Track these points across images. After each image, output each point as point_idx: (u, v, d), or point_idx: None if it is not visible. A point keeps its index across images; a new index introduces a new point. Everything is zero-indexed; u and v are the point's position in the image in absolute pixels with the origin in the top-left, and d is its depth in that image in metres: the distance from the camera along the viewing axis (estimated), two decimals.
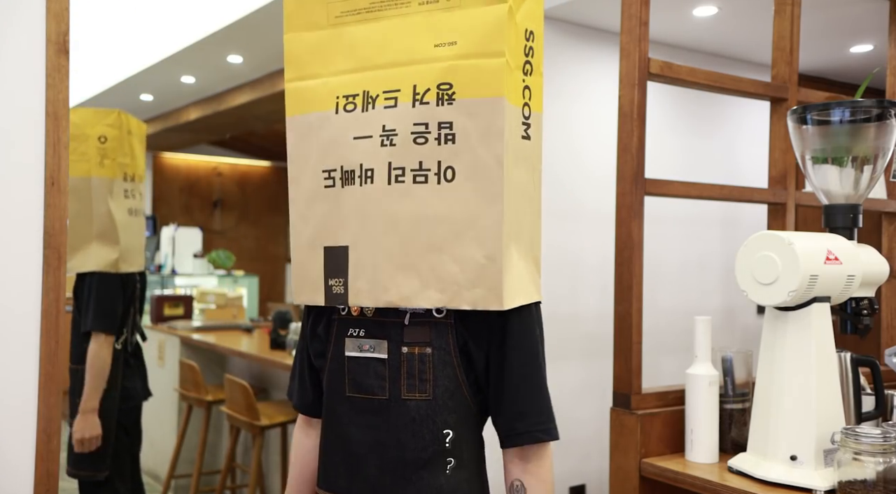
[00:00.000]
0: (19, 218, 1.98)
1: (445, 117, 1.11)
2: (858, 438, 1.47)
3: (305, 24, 1.22)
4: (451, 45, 1.11)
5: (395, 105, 1.13)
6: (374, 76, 1.16)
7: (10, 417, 1.97)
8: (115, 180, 2.67)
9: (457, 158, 1.11)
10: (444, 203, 1.12)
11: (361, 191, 1.16)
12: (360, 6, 1.18)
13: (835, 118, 1.76)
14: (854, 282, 1.67)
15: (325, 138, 1.19)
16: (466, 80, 1.10)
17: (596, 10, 3.27)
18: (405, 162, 1.13)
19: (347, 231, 1.18)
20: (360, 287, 1.18)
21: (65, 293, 2.03)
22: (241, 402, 3.46)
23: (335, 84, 1.19)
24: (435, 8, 1.13)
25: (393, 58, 1.15)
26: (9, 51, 1.96)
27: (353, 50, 1.18)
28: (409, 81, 1.13)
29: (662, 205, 2.12)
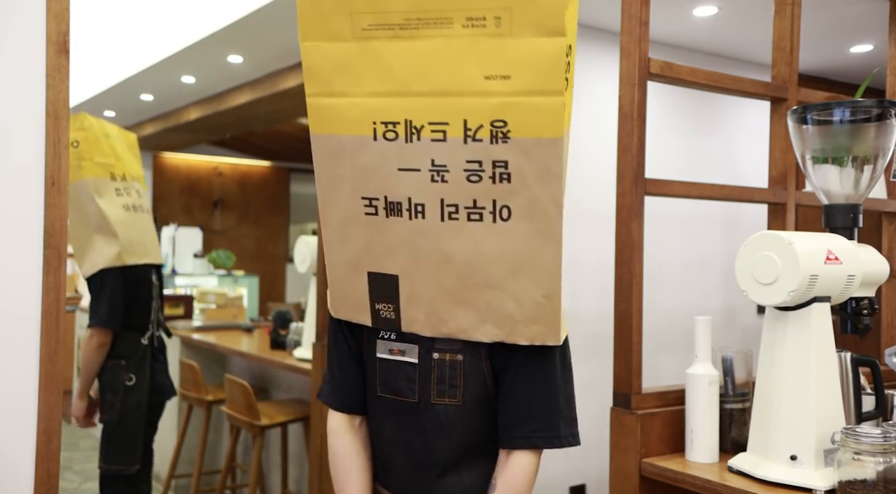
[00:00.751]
0: (20, 218, 1.98)
1: (500, 156, 1.06)
2: (858, 438, 1.47)
3: (327, 33, 1.10)
4: (505, 79, 1.03)
5: (444, 139, 1.07)
6: (416, 104, 1.08)
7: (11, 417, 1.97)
8: (99, 179, 2.69)
9: (513, 198, 1.08)
10: (500, 241, 1.10)
11: (411, 225, 1.13)
12: (392, 21, 1.06)
13: (835, 118, 1.76)
14: (854, 282, 1.67)
15: (363, 164, 1.13)
16: (523, 119, 1.03)
17: (596, 10, 3.27)
18: (458, 199, 1.09)
19: (396, 261, 1.17)
20: (415, 316, 1.18)
21: (65, 293, 2.03)
22: (241, 402, 3.46)
23: (370, 106, 1.10)
24: (482, 33, 1.02)
25: (437, 86, 1.06)
26: (9, 51, 1.96)
27: (389, 71, 1.08)
28: (459, 115, 1.06)
29: (662, 205, 2.12)
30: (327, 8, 1.08)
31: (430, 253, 1.13)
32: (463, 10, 1.02)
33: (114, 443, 2.74)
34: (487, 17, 1.01)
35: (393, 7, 1.05)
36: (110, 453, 2.73)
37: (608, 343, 1.95)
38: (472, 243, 1.11)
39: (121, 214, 2.72)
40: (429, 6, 1.04)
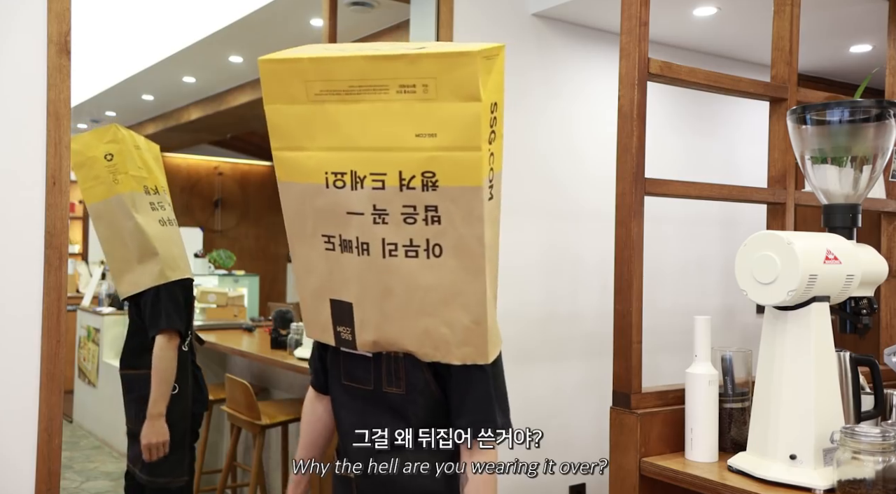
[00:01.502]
0: (21, 218, 1.99)
1: (431, 201, 1.23)
2: (858, 437, 1.48)
3: (286, 97, 1.27)
4: (432, 137, 1.20)
5: (383, 187, 1.24)
6: (359, 157, 1.25)
7: (12, 416, 1.98)
8: (135, 193, 2.60)
9: (443, 237, 1.25)
10: (434, 275, 1.27)
11: (359, 260, 1.30)
12: (339, 88, 1.23)
13: (834, 118, 1.76)
14: (853, 282, 1.68)
15: (320, 207, 1.31)
16: (448, 170, 1.21)
17: (596, 10, 3.27)
18: (397, 239, 1.26)
19: (350, 290, 1.34)
20: (367, 338, 1.36)
21: (66, 293, 2.03)
22: (241, 401, 3.46)
23: (322, 159, 1.28)
24: (413, 98, 1.20)
25: (376, 142, 1.23)
26: (10, 51, 1.97)
27: (337, 128, 1.25)
28: (395, 167, 1.23)
29: (662, 205, 2.12)
30: (286, 77, 1.26)
31: (375, 286, 1.30)
32: (397, 78, 1.20)
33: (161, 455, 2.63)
34: (417, 84, 1.19)
35: (339, 76, 1.23)
36: (156, 466, 2.61)
37: (608, 342, 1.95)
38: (410, 276, 1.28)
39: (158, 229, 2.65)
40: (369, 75, 1.21)
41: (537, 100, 3.33)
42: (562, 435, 3.24)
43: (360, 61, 1.22)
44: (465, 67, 1.16)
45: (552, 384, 3.33)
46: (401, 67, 1.20)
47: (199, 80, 5.74)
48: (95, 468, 4.85)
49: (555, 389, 3.33)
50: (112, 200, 2.59)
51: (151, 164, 2.73)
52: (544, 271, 3.33)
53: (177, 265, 2.67)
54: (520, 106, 3.24)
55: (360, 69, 1.22)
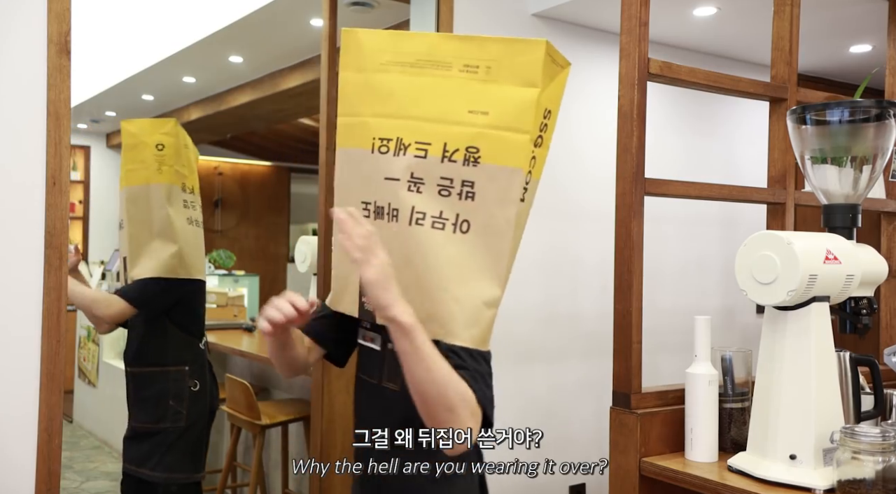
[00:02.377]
0: (21, 218, 1.99)
1: (469, 177, 1.25)
2: (857, 437, 1.48)
3: (355, 65, 1.34)
4: (484, 114, 1.24)
5: (426, 157, 1.27)
6: (407, 125, 1.28)
7: (12, 416, 1.98)
8: (173, 186, 2.66)
9: (474, 214, 1.25)
10: (456, 250, 1.26)
11: (388, 227, 1.29)
12: (406, 60, 1.30)
13: (834, 118, 1.76)
14: (853, 282, 1.68)
15: (364, 173, 1.33)
16: (492, 148, 1.24)
17: (596, 10, 3.27)
18: (427, 209, 1.26)
19: None
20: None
21: (66, 293, 2.03)
22: (241, 401, 3.46)
23: (373, 124, 1.31)
24: (473, 78, 1.26)
25: (428, 113, 1.27)
26: (10, 51, 1.97)
27: (392, 97, 1.30)
28: (441, 138, 1.26)
29: (662, 205, 2.12)
30: (362, 45, 1.33)
31: (397, 254, 1.27)
32: (462, 58, 1.26)
33: (179, 452, 2.65)
34: (480, 65, 1.25)
35: (409, 48, 1.30)
36: (175, 462, 2.63)
37: (608, 342, 1.95)
38: (431, 248, 1.26)
39: (184, 226, 2.69)
40: (437, 51, 1.28)
41: None
42: (562, 435, 3.24)
43: (433, 37, 1.31)
44: (530, 54, 1.23)
45: (552, 384, 3.33)
46: (468, 48, 1.26)
47: (199, 80, 5.74)
48: (95, 468, 4.85)
49: (555, 389, 3.33)
50: (152, 187, 2.63)
51: (193, 166, 2.78)
52: (544, 271, 3.33)
53: (192, 264, 2.70)
54: None
55: (429, 44, 1.29)
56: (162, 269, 2.63)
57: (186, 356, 2.69)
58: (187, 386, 2.67)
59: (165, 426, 2.65)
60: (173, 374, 2.66)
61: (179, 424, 2.64)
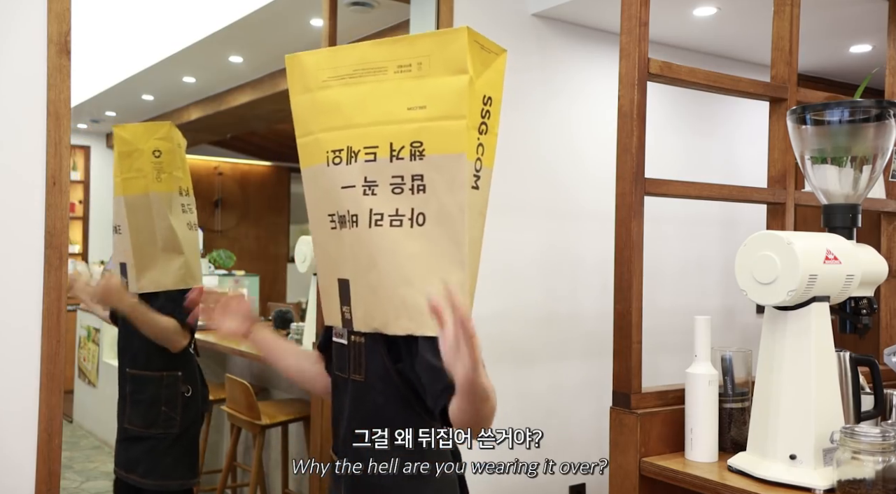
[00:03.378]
0: (21, 218, 1.99)
1: (417, 171, 1.29)
2: (857, 437, 1.48)
3: (301, 87, 1.40)
4: (422, 109, 1.29)
5: (375, 159, 1.31)
6: (356, 134, 1.33)
7: (12, 417, 1.98)
8: (172, 194, 2.61)
9: (427, 205, 1.29)
10: (417, 243, 1.29)
11: (352, 233, 1.35)
12: (343, 73, 1.35)
13: (834, 118, 1.76)
14: (853, 282, 1.68)
15: (324, 187, 1.38)
16: (434, 139, 1.28)
17: (596, 10, 3.27)
18: (384, 209, 1.30)
19: (347, 267, 1.38)
20: (358, 315, 1.38)
21: (66, 293, 2.03)
22: (241, 401, 3.46)
23: (325, 139, 1.37)
24: (408, 76, 1.31)
25: (372, 118, 1.32)
26: (10, 51, 1.97)
27: (338, 110, 1.36)
28: (387, 139, 1.31)
29: (662, 205, 2.12)
30: (304, 68, 1.40)
31: (363, 257, 1.33)
32: (395, 60, 1.32)
33: (172, 458, 2.61)
34: (412, 63, 1.30)
35: (344, 62, 1.35)
36: (169, 468, 2.60)
37: (608, 342, 1.95)
38: (393, 246, 1.30)
39: (185, 233, 2.65)
40: (370, 59, 1.33)
41: (537, 101, 3.33)
42: (562, 435, 3.24)
43: (365, 47, 1.34)
44: (454, 43, 1.28)
45: (552, 384, 3.33)
46: (400, 49, 1.32)
47: (199, 80, 5.74)
48: (95, 468, 4.85)
49: (555, 389, 3.33)
50: (151, 196, 2.58)
51: (186, 166, 2.73)
52: (544, 271, 3.33)
53: (196, 271, 2.68)
54: (520, 106, 3.24)
55: (362, 54, 1.34)
56: (173, 282, 2.61)
57: (179, 361, 2.65)
58: (180, 392, 2.63)
59: (157, 431, 2.61)
60: (167, 379, 2.62)
61: (172, 430, 2.61)
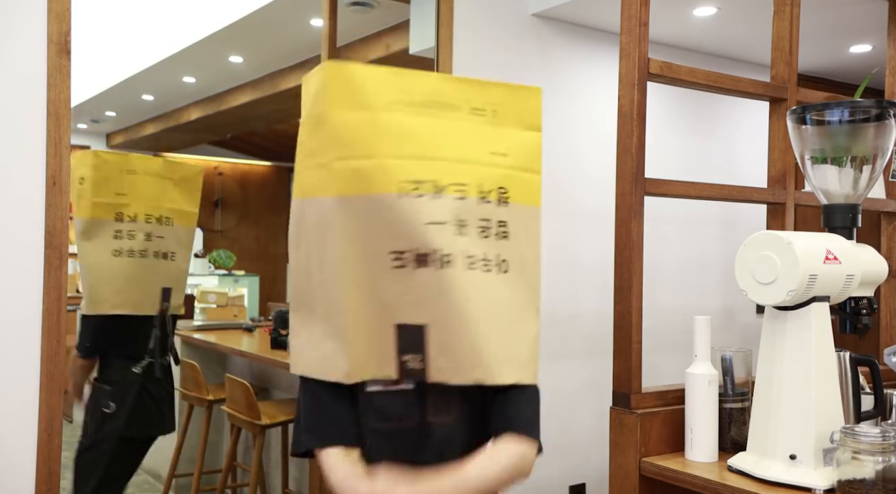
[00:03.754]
0: (21, 218, 1.99)
1: (503, 217, 1.27)
2: (857, 437, 1.48)
3: (354, 103, 1.23)
4: (504, 157, 1.28)
5: (464, 198, 1.24)
6: (439, 167, 1.24)
7: (12, 416, 1.98)
8: (95, 220, 2.56)
9: (510, 253, 1.27)
10: (505, 290, 1.26)
11: (438, 275, 1.21)
12: (414, 100, 1.25)
13: (834, 118, 1.76)
14: (853, 282, 1.68)
15: (391, 220, 1.21)
16: (517, 188, 1.28)
17: (596, 10, 3.27)
18: (475, 251, 1.24)
19: (424, 310, 1.23)
20: (443, 365, 1.23)
21: (66, 293, 2.03)
22: (241, 401, 3.46)
23: (398, 167, 1.22)
24: (483, 120, 1.28)
25: (456, 154, 1.25)
26: (10, 51, 1.97)
27: (414, 138, 1.24)
28: (475, 179, 1.25)
29: (662, 205, 2.12)
30: (358, 82, 1.23)
31: (456, 302, 1.22)
32: (469, 101, 1.28)
33: (78, 470, 2.60)
34: (487, 109, 1.28)
35: (415, 88, 1.25)
36: (76, 477, 2.60)
37: (608, 342, 1.95)
38: (489, 291, 1.24)
39: (103, 260, 2.57)
40: (442, 93, 1.27)
41: None
42: (562, 435, 3.24)
43: (436, 78, 1.30)
44: (529, 100, 1.31)
45: (552, 384, 3.33)
46: (472, 91, 1.28)
47: (199, 80, 5.74)
48: None
49: (555, 389, 3.33)
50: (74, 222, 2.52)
51: (147, 190, 2.64)
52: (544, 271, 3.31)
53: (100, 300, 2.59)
54: None
55: (433, 84, 1.27)
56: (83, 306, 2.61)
57: (113, 376, 2.63)
58: (100, 406, 2.59)
59: (81, 439, 2.63)
60: (95, 392, 2.62)
61: (85, 442, 2.60)
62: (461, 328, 1.22)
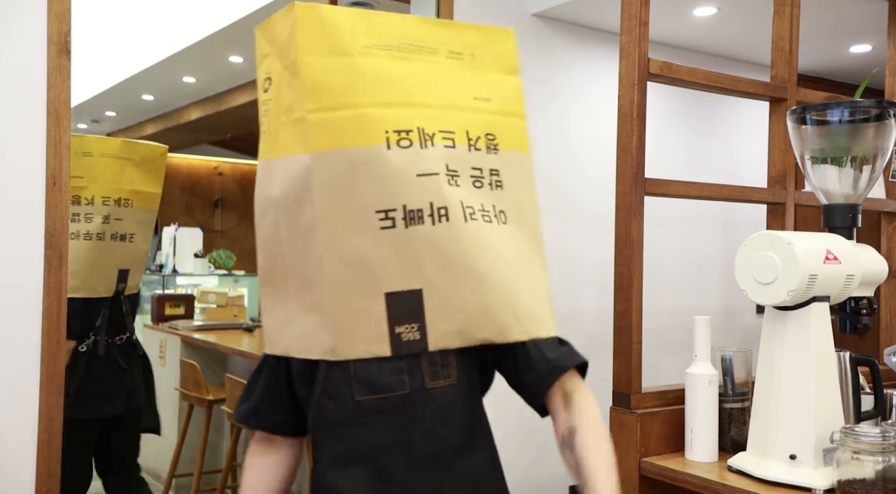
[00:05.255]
0: (21, 218, 1.99)
1: (494, 165, 1.20)
2: (857, 437, 1.48)
3: (328, 48, 1.11)
4: (487, 101, 1.22)
5: (454, 146, 1.16)
6: (425, 114, 1.15)
7: (12, 416, 1.98)
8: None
9: (506, 203, 1.20)
10: (506, 242, 1.18)
11: (433, 231, 1.10)
12: (389, 43, 1.16)
13: (834, 118, 1.76)
14: (853, 282, 1.68)
15: (378, 175, 1.10)
16: (504, 134, 1.21)
17: (596, 10, 3.27)
18: (471, 202, 1.15)
19: (418, 273, 1.11)
20: (445, 329, 1.12)
21: (66, 293, 2.03)
22: None
23: (382, 116, 1.11)
24: (462, 65, 1.22)
25: (440, 100, 1.18)
26: (10, 51, 1.97)
27: (395, 83, 1.14)
28: (462, 126, 1.18)
29: (662, 205, 2.12)
30: (329, 25, 1.12)
31: (457, 257, 1.12)
32: (445, 44, 1.21)
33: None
34: (464, 52, 1.22)
35: (390, 31, 1.17)
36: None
37: (608, 342, 1.95)
38: (491, 244, 1.15)
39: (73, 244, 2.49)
40: (419, 36, 1.19)
41: (537, 101, 3.33)
42: None
43: (412, 20, 1.20)
44: (504, 43, 1.25)
45: None
46: (449, 34, 1.22)
47: (199, 80, 5.74)
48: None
49: None
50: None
51: (103, 172, 2.59)
52: None
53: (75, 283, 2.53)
54: None
55: (411, 28, 1.19)
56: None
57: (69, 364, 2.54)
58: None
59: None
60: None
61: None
62: (464, 285, 1.11)
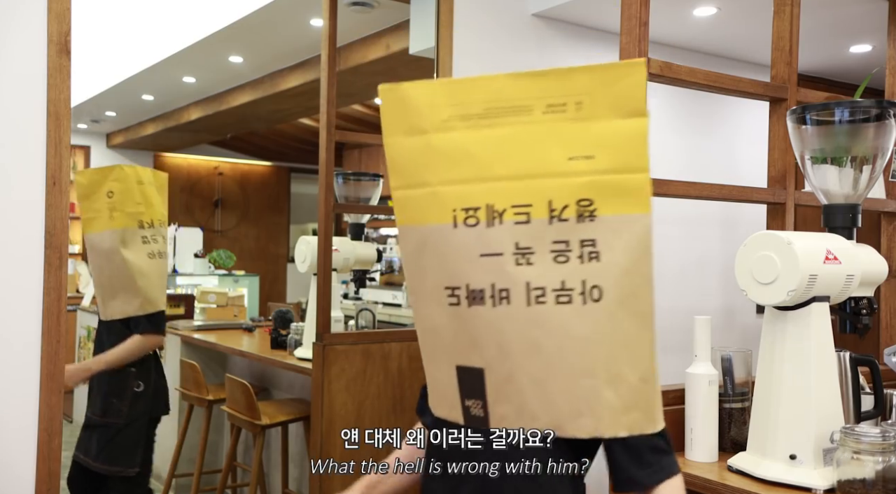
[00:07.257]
0: (21, 218, 1.99)
1: (588, 235, 1.06)
2: (857, 437, 1.48)
3: (407, 127, 1.11)
4: (588, 159, 1.06)
5: (528, 221, 1.07)
6: (496, 188, 1.08)
7: (12, 416, 1.98)
8: (128, 229, 2.79)
9: (603, 277, 1.07)
10: (591, 324, 1.08)
11: (494, 313, 1.09)
12: (472, 112, 1.09)
13: (834, 118, 1.76)
14: (853, 282, 1.68)
15: (444, 253, 1.11)
16: (609, 197, 1.06)
17: (596, 10, 3.27)
18: (545, 282, 1.07)
19: (480, 353, 1.12)
20: (504, 412, 1.13)
21: (66, 293, 2.03)
22: (241, 401, 3.46)
23: (450, 194, 1.10)
24: (563, 118, 1.06)
25: (519, 169, 1.08)
26: (10, 51, 1.97)
27: (469, 158, 1.09)
28: (543, 196, 1.07)
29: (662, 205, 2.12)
30: (410, 103, 1.10)
31: (517, 342, 1.09)
32: (542, 98, 1.06)
33: (116, 446, 2.82)
34: (567, 102, 1.05)
35: (474, 98, 1.08)
36: (111, 455, 2.82)
37: None
38: (562, 327, 1.08)
39: (145, 264, 2.82)
40: (507, 95, 1.07)
41: None
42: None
43: (501, 79, 1.08)
44: (629, 78, 1.05)
45: None
46: (549, 84, 1.07)
47: (199, 79, 5.74)
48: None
49: None
50: (105, 234, 2.78)
51: (153, 198, 2.89)
52: None
53: (155, 298, 2.85)
54: None
55: (498, 88, 1.08)
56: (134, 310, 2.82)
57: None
58: (130, 386, 2.82)
59: (109, 420, 2.82)
60: (121, 373, 2.81)
61: (119, 420, 2.81)
62: (521, 371, 1.09)
